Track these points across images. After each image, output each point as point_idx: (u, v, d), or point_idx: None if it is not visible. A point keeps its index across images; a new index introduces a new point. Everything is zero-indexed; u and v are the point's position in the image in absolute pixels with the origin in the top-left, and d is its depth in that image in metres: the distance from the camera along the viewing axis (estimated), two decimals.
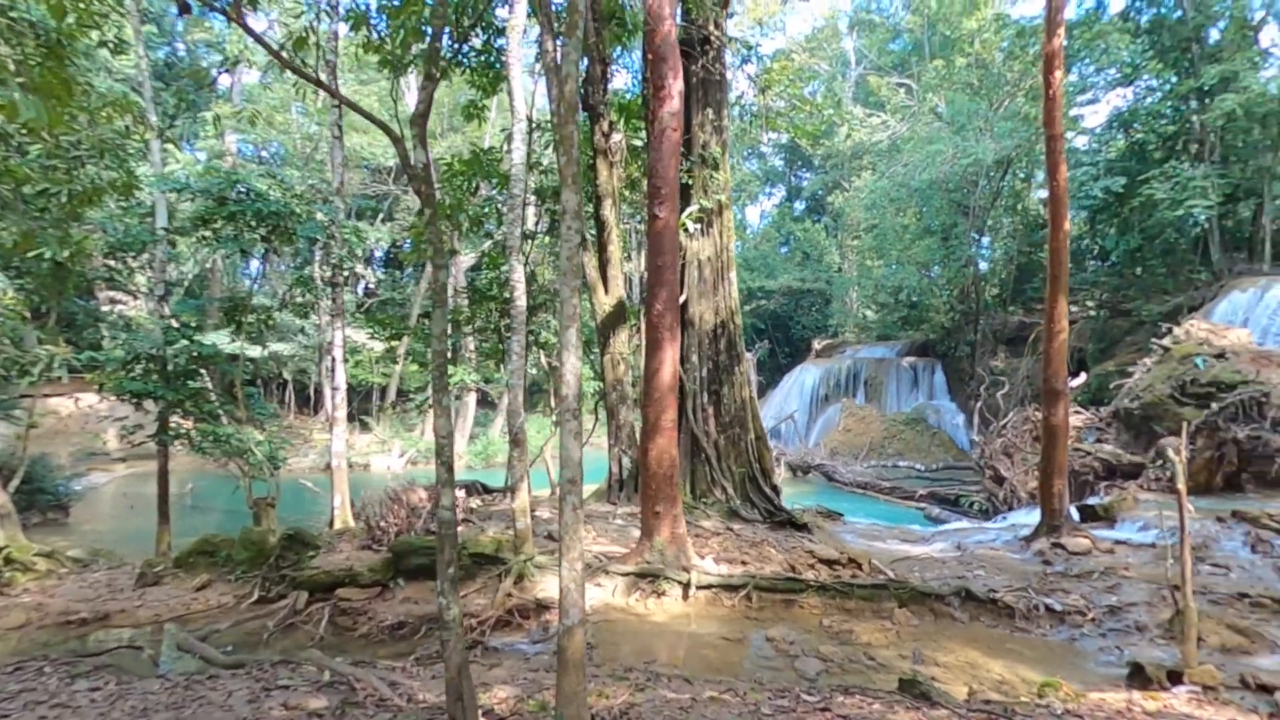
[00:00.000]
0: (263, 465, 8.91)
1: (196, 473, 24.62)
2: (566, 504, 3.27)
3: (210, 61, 31.61)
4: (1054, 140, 9.23)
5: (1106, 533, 9.21)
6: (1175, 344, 13.75)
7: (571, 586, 3.27)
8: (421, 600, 7.37)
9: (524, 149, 7.45)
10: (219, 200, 8.40)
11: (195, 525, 16.31)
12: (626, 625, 6.69)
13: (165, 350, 8.44)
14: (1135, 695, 4.33)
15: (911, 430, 29.95)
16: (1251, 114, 18.16)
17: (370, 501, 8.95)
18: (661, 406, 7.47)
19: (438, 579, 3.33)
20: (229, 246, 8.50)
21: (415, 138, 3.30)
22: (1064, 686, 4.45)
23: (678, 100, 7.56)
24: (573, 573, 3.27)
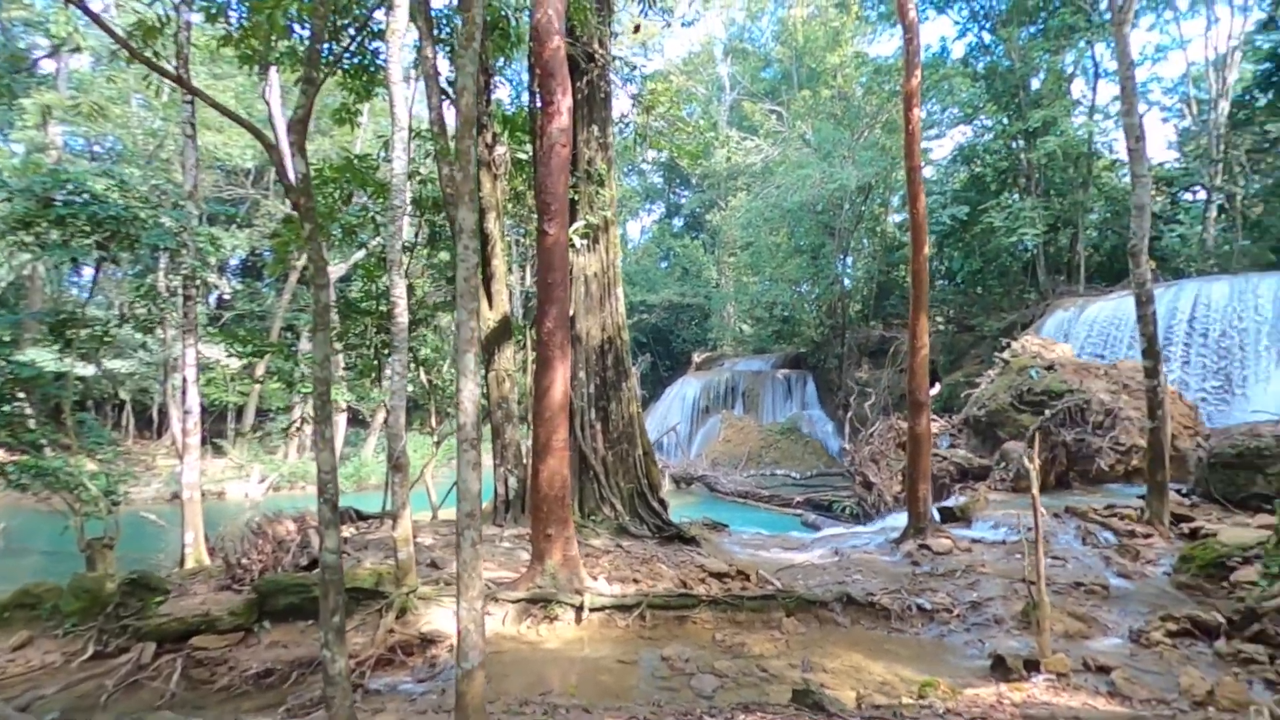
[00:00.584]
0: (97, 501, 7.84)
1: (10, 510, 21.43)
2: (464, 539, 3.09)
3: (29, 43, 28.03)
4: (913, 171, 10.03)
5: (964, 532, 10.03)
6: (1014, 357, 15.30)
7: (471, 627, 3.08)
8: (291, 644, 6.76)
9: (404, 158, 7.10)
10: (44, 201, 7.35)
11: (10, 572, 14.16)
12: (519, 655, 6.47)
13: None
14: (1003, 688, 4.70)
15: (787, 439, 31.41)
16: (1067, 154, 20.70)
17: (230, 536, 8.12)
18: (553, 426, 7.33)
19: (321, 627, 3.04)
20: (56, 254, 7.45)
21: (294, 145, 3.02)
22: (942, 685, 4.76)
23: (566, 116, 7.50)
24: (472, 612, 3.09)
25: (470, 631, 3.05)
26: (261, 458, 25.96)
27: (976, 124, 23.99)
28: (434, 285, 14.28)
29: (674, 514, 12.24)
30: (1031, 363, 14.72)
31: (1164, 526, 9.19)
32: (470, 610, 3.06)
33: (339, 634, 2.98)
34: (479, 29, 3.15)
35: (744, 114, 37.06)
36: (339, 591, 2.95)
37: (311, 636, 6.89)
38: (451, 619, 7.27)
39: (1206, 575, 7.36)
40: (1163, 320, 16.06)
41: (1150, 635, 6.13)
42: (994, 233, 21.08)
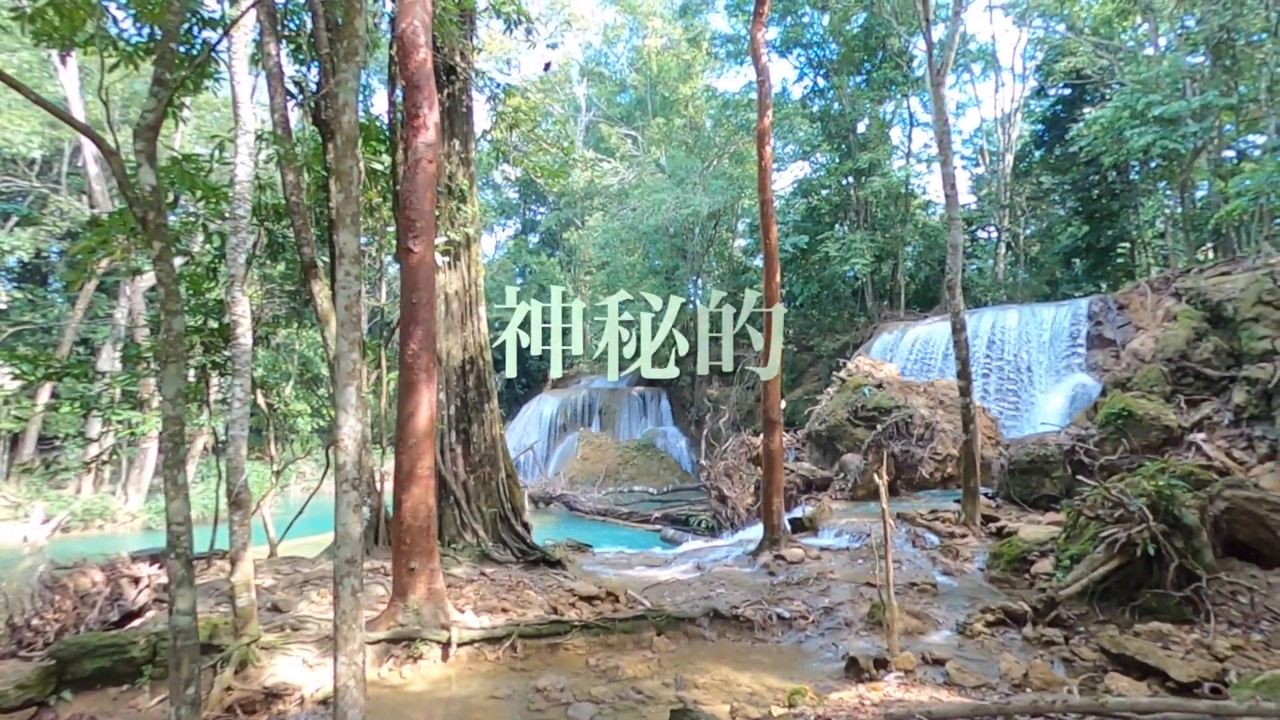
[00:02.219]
0: None
1: None
2: (344, 588, 2.86)
3: None
4: (766, 205, 10.72)
5: (813, 540, 10.75)
6: (849, 376, 16.72)
7: (351, 683, 2.85)
8: (103, 715, 5.84)
9: (250, 164, 6.49)
10: None
11: None
12: (381, 701, 6.02)
13: None
14: (861, 689, 5.08)
15: (643, 456, 32.03)
16: (889, 193, 23.12)
17: (13, 592, 6.88)
18: (418, 453, 6.97)
19: (172, 701, 2.65)
20: None
21: (141, 154, 2.66)
22: (809, 692, 5.05)
23: (433, 131, 7.25)
24: (351, 667, 2.86)
25: (350, 688, 2.81)
26: (45, 494, 22.25)
27: (814, 161, 26.18)
28: (268, 298, 13.10)
29: (535, 536, 12.04)
30: (864, 381, 16.16)
31: (976, 527, 10.41)
32: (350, 665, 2.82)
33: (194, 707, 2.62)
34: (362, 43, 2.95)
35: (600, 136, 37.75)
36: (194, 659, 2.59)
37: (126, 704, 6.00)
38: (300, 668, 6.66)
39: (1013, 569, 8.42)
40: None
41: (973, 627, 6.90)
42: (829, 261, 23.02)
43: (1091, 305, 17.56)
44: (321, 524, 12.30)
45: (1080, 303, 18.11)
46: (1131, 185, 23.93)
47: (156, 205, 2.72)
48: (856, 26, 25.41)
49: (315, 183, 11.15)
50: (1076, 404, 15.57)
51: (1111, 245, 25.48)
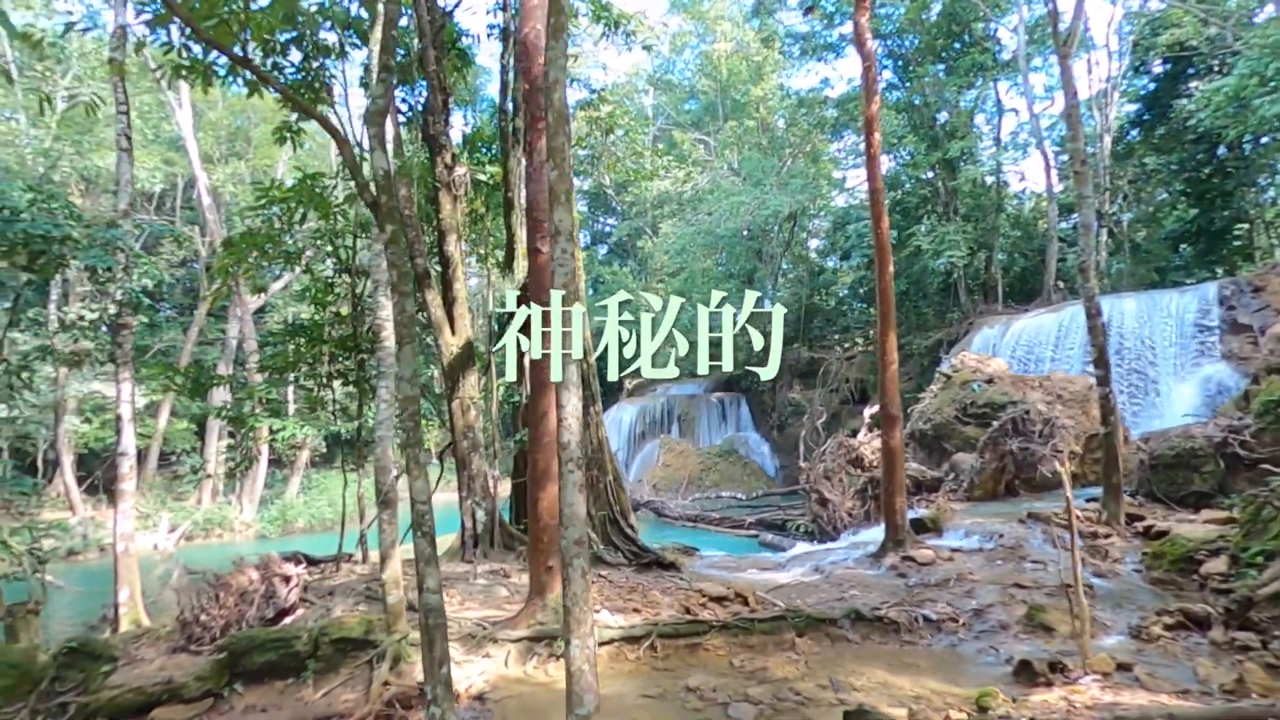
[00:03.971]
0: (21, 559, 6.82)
1: None
2: (574, 569, 2.80)
3: None
4: (876, 194, 10.38)
5: (939, 542, 10.26)
6: (954, 372, 16.02)
7: (585, 668, 2.78)
8: (270, 707, 6.05)
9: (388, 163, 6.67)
10: None
11: None
12: (534, 699, 6.03)
13: None
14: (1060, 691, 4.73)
15: (725, 462, 31.65)
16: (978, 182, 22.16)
17: (183, 590, 7.26)
18: (553, 451, 6.97)
19: (427, 681, 2.65)
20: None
21: (374, 138, 2.71)
22: (998, 695, 4.74)
23: None
24: (585, 651, 2.79)
25: (584, 673, 2.75)
26: (170, 505, 23.75)
27: (899, 153, 25.41)
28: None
29: None
30: (972, 377, 15.44)
31: (1121, 526, 9.71)
32: (583, 649, 2.76)
33: (448, 687, 2.61)
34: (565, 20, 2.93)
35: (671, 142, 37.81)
36: (445, 637, 2.59)
37: (292, 697, 6.20)
38: None
39: (1178, 570, 7.77)
40: (1082, 334, 17.28)
41: (1150, 630, 6.37)
42: (919, 255, 22.22)
43: (1222, 289, 16.27)
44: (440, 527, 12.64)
45: (1207, 287, 16.82)
46: (1247, 161, 22.18)
47: (389, 189, 2.77)
48: (936, 14, 24.62)
49: (424, 195, 11.50)
50: (1211, 394, 14.42)
51: (1226, 227, 23.63)
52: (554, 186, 2.84)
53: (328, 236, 9.88)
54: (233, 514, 23.42)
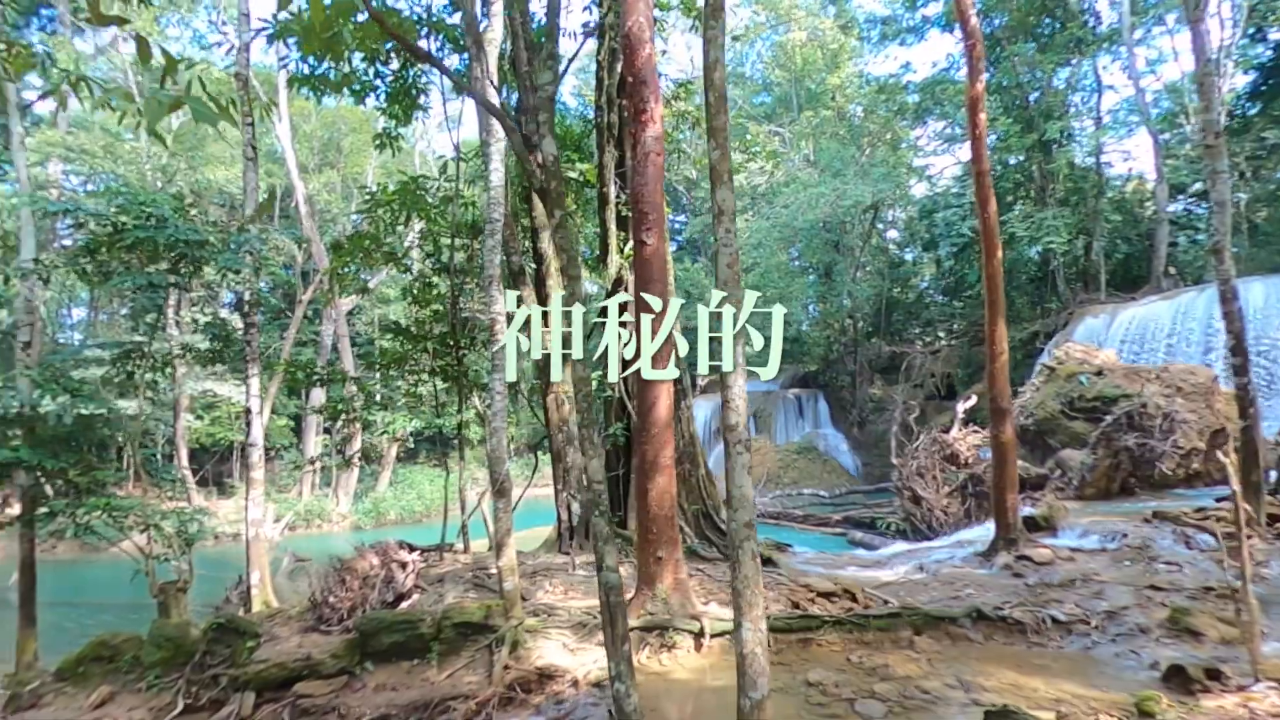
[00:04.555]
0: (170, 542, 7.35)
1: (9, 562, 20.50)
2: (744, 552, 2.77)
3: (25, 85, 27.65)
4: (982, 176, 9.94)
5: (1056, 541, 9.75)
6: (1059, 364, 15.20)
7: (758, 650, 2.75)
8: (400, 686, 6.30)
9: (502, 169, 6.85)
10: (116, 227, 6.99)
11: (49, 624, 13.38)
12: (652, 687, 6.04)
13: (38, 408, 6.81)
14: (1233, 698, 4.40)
15: (804, 459, 31.12)
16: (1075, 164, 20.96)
17: (314, 573, 7.65)
18: (661, 442, 7.01)
19: (611, 659, 2.68)
20: (126, 281, 7.05)
21: (545, 124, 2.76)
22: (1161, 699, 4.45)
23: (660, 124, 7.31)
24: (757, 634, 2.75)
25: (757, 656, 2.72)
26: (274, 497, 25.17)
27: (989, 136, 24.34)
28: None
29: None
30: (1079, 370, 14.62)
31: (1261, 527, 8.99)
32: (755, 632, 2.73)
33: (629, 664, 2.63)
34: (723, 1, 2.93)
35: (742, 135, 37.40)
36: (625, 617, 2.61)
37: (419, 677, 6.44)
38: (562, 652, 6.86)
39: None
40: (1201, 322, 16.10)
41: None
42: (1014, 243, 21.19)
43: None
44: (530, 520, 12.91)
45: None
46: None
47: (557, 174, 2.83)
48: None
49: (517, 195, 11.73)
50: None
51: None
52: (716, 166, 2.82)
53: (431, 238, 10.20)
54: (330, 506, 24.61)
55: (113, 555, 21.14)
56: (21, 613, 7.37)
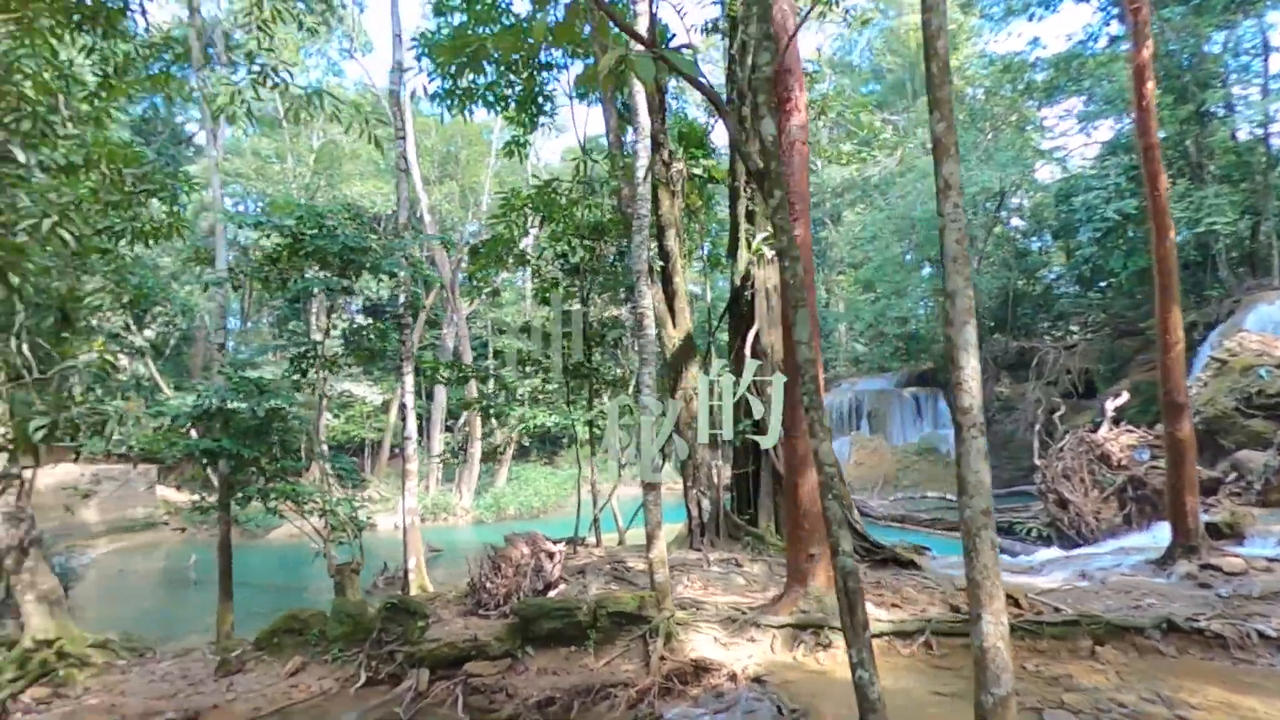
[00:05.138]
0: (345, 527, 7.95)
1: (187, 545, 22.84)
2: (981, 540, 2.63)
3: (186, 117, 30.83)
4: (1151, 150, 9.14)
5: (1243, 550, 8.81)
6: (1231, 357, 13.72)
7: (1000, 645, 2.60)
8: (561, 671, 6.49)
9: (646, 163, 6.93)
10: (294, 237, 7.65)
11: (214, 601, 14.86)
12: (814, 685, 5.93)
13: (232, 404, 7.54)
14: None
15: (924, 460, 29.74)
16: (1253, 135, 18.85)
17: (472, 560, 8.04)
18: None
19: (852, 645, 2.63)
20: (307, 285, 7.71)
21: (764, 104, 2.75)
22: None
23: (805, 113, 7.18)
24: (999, 628, 2.61)
25: (1000, 650, 2.58)
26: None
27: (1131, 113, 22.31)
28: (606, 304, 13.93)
29: None
30: (1256, 362, 13.14)
31: None
32: (997, 625, 2.58)
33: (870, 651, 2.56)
34: None
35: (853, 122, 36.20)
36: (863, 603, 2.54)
37: (577, 663, 6.61)
38: (714, 645, 6.85)
39: None
40: None
41: None
42: None
43: None
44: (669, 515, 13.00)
45: None
46: None
47: (776, 154, 2.81)
48: None
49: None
50: None
51: None
52: (942, 139, 2.71)
53: (563, 239, 10.49)
54: (454, 500, 25.83)
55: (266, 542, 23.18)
56: (220, 588, 8.20)
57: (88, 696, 6.37)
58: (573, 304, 11.80)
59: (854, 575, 2.63)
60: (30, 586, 6.71)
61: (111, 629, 10.07)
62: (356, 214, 8.87)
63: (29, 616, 6.68)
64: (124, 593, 15.67)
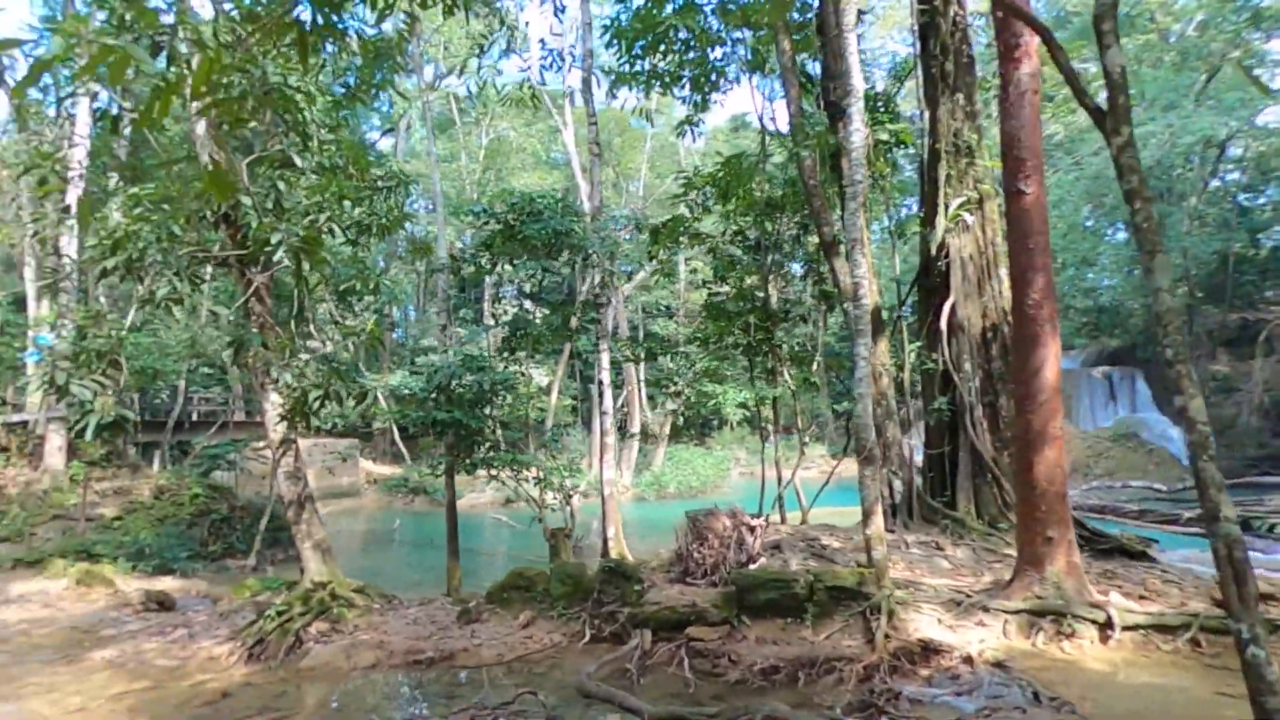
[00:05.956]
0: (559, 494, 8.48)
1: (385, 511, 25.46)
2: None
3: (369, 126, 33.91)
4: None
5: None
6: None
7: None
8: (779, 641, 6.52)
9: (864, 128, 6.69)
10: (507, 224, 8.21)
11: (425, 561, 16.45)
12: (1067, 675, 5.54)
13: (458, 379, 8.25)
14: None
15: (1121, 447, 26.83)
16: None
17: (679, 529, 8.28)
18: (1049, 411, 6.38)
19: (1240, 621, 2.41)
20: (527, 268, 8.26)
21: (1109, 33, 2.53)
22: None
23: (1036, 59, 6.59)
24: None
25: None
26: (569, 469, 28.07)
27: None
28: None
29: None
30: None
31: None
32: None
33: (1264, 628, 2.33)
34: None
35: None
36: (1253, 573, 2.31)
37: (795, 635, 6.61)
38: (937, 627, 6.57)
39: None
40: None
41: None
42: None
43: None
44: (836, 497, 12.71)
45: None
46: None
47: (1124, 86, 2.59)
48: None
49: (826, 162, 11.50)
50: None
51: None
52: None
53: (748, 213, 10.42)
54: (615, 478, 26.73)
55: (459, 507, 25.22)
56: (449, 546, 9.05)
57: (358, 633, 7.25)
58: (751, 279, 11.73)
59: (1238, 543, 2.37)
60: (307, 536, 7.75)
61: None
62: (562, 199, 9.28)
63: (307, 561, 7.71)
64: (339, 550, 17.68)
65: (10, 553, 11.14)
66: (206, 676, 6.49)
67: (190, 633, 7.67)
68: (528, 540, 18.45)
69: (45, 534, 12.18)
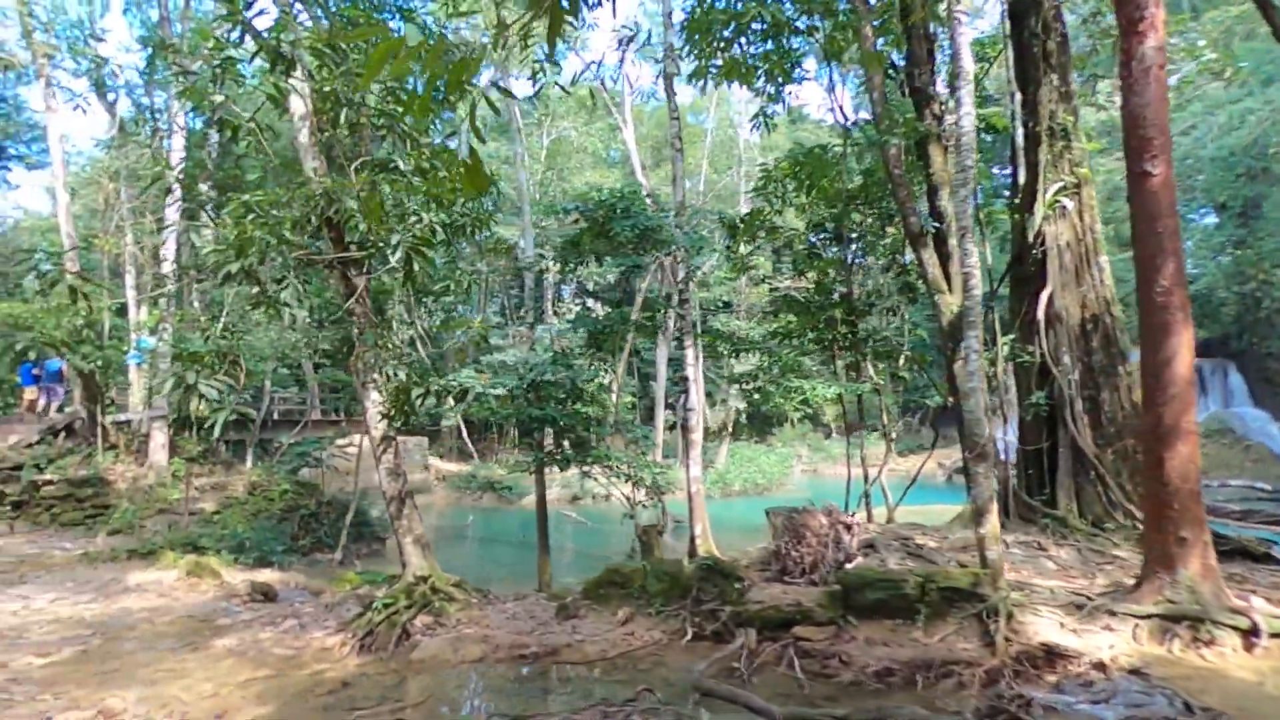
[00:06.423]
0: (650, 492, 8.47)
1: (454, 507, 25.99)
2: None
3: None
4: None
5: None
6: None
7: None
8: (890, 643, 6.33)
9: (972, 113, 6.44)
10: (593, 221, 8.23)
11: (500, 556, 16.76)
12: (1214, 685, 5.21)
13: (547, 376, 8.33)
14: None
15: (1214, 444, 25.35)
16: None
17: (775, 527, 8.16)
18: (1182, 405, 6.01)
19: None
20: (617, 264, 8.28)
21: None
22: None
23: (1162, 31, 6.22)
24: None
25: None
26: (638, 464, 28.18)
27: None
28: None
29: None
30: None
31: None
32: None
33: None
34: None
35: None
36: None
37: (905, 636, 6.42)
38: (1059, 631, 6.27)
39: None
40: None
41: None
42: None
43: None
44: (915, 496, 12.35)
45: None
46: None
47: None
48: None
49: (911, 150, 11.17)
50: None
51: None
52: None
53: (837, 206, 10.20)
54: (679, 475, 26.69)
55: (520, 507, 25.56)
56: (540, 542, 9.15)
57: (461, 627, 7.37)
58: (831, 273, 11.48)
59: None
60: (408, 530, 7.92)
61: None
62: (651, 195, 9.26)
63: (409, 556, 7.89)
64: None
65: (123, 544, 11.78)
66: (323, 666, 6.69)
67: (300, 623, 7.94)
68: (596, 538, 18.58)
69: (153, 527, 12.85)
